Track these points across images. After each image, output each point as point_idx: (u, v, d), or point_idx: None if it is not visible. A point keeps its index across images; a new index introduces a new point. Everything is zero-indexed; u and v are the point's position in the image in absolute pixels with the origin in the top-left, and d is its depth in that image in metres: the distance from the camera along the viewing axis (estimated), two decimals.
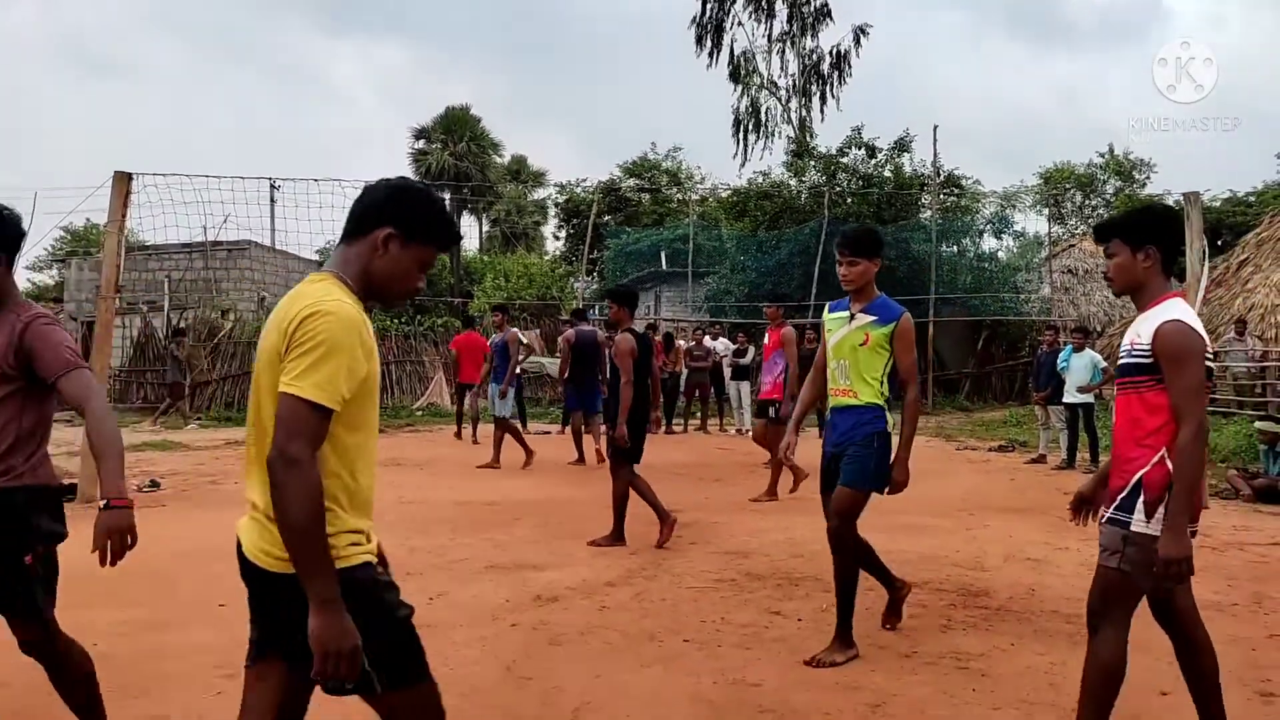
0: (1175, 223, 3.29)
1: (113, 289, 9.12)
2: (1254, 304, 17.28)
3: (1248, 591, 5.79)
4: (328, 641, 1.98)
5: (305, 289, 2.17)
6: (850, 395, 4.62)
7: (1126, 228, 3.19)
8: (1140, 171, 39.68)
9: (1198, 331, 2.98)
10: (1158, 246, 3.13)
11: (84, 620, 4.91)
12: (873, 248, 4.70)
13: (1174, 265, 3.23)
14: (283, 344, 2.06)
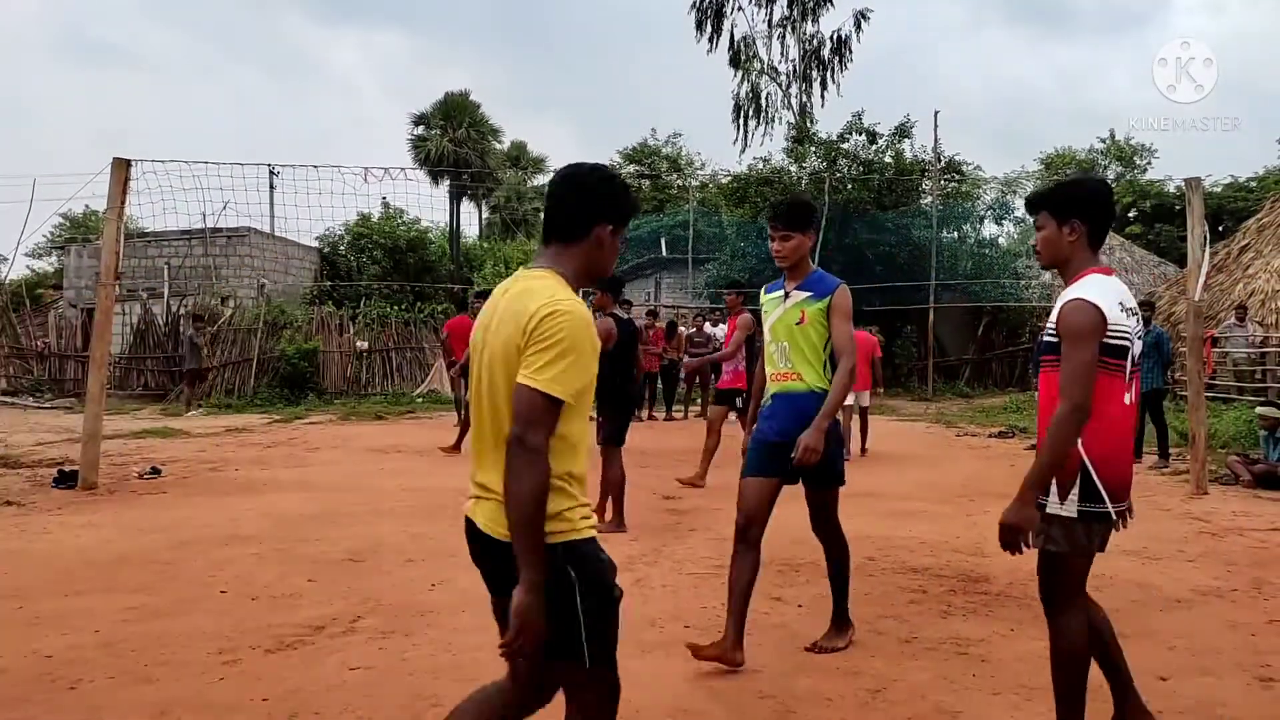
0: (1103, 197, 3.17)
1: (112, 276, 9.10)
2: (1254, 289, 17.26)
3: (1247, 577, 5.80)
4: (527, 616, 2.10)
5: (535, 285, 2.28)
6: (794, 378, 4.25)
7: (1054, 200, 3.16)
8: (1141, 157, 39.72)
9: (1097, 309, 2.90)
10: (1083, 220, 3.08)
11: (85, 607, 4.93)
12: (805, 220, 4.31)
13: (1102, 240, 3.15)
14: (521, 339, 2.19)
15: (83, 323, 22.99)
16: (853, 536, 6.77)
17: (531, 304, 2.21)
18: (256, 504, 8.01)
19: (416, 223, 33.30)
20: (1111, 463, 2.98)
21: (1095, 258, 3.12)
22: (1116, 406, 2.99)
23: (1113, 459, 2.98)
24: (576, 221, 2.37)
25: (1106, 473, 2.96)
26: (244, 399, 19.31)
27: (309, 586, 5.40)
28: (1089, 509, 2.96)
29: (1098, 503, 2.96)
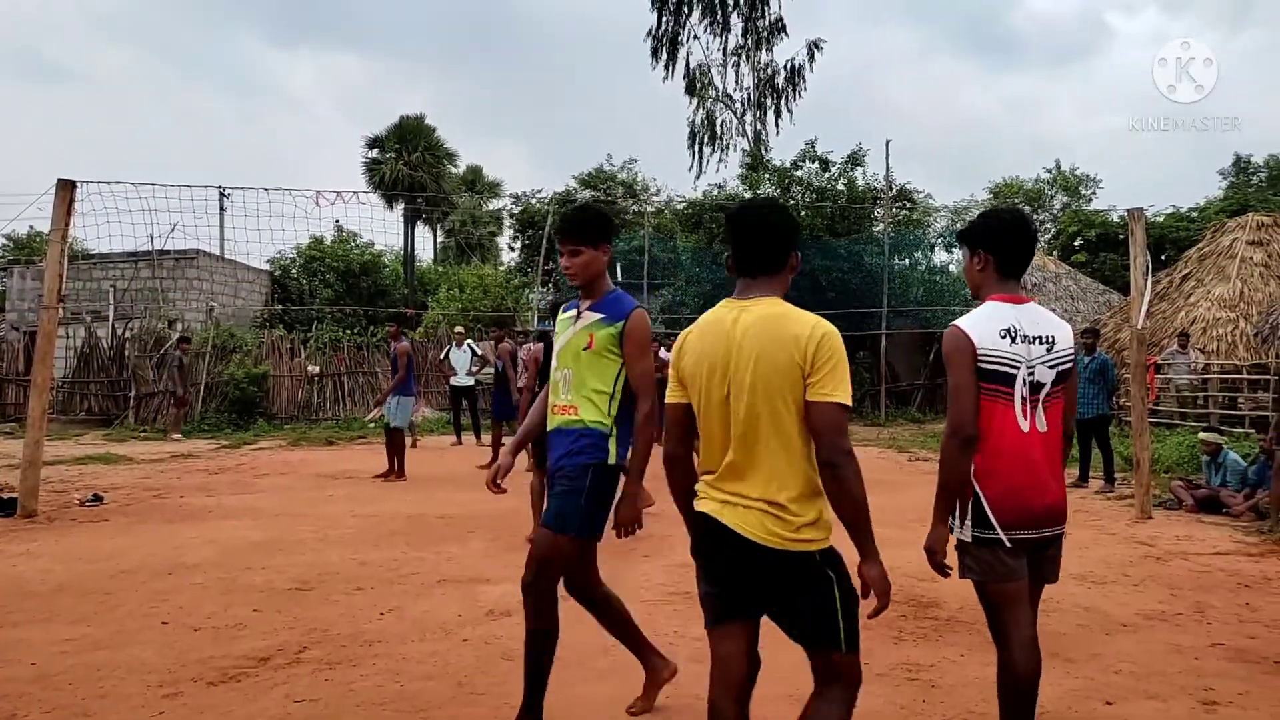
0: (1008, 230, 3.18)
1: (55, 299, 8.91)
2: (1196, 317, 17.67)
3: (1191, 601, 5.90)
4: (883, 582, 2.59)
5: (791, 312, 2.60)
6: (569, 412, 3.68)
7: (967, 233, 3.30)
8: (1086, 187, 40.59)
9: (963, 334, 3.02)
10: (988, 250, 3.18)
11: (21, 638, 4.79)
12: (596, 233, 3.68)
13: (1015, 269, 3.18)
14: (803, 361, 2.49)
15: (25, 346, 22.47)
16: None
17: (800, 328, 2.54)
18: (201, 532, 7.85)
19: (370, 246, 33.08)
20: (1001, 490, 2.98)
21: (1006, 285, 3.15)
22: (1008, 434, 2.99)
23: (1002, 486, 2.99)
24: (779, 253, 2.69)
25: (996, 499, 2.98)
26: (190, 425, 18.96)
27: (254, 617, 5.29)
28: (981, 535, 3.01)
29: (988, 529, 3.00)
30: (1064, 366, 3.09)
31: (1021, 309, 3.09)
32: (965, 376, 2.98)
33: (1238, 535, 8.29)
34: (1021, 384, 3.00)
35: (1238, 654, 4.81)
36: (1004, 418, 2.99)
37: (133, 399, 19.60)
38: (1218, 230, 20.38)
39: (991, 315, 3.05)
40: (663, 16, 35.13)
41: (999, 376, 2.98)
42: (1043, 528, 3.03)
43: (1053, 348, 3.07)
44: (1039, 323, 3.09)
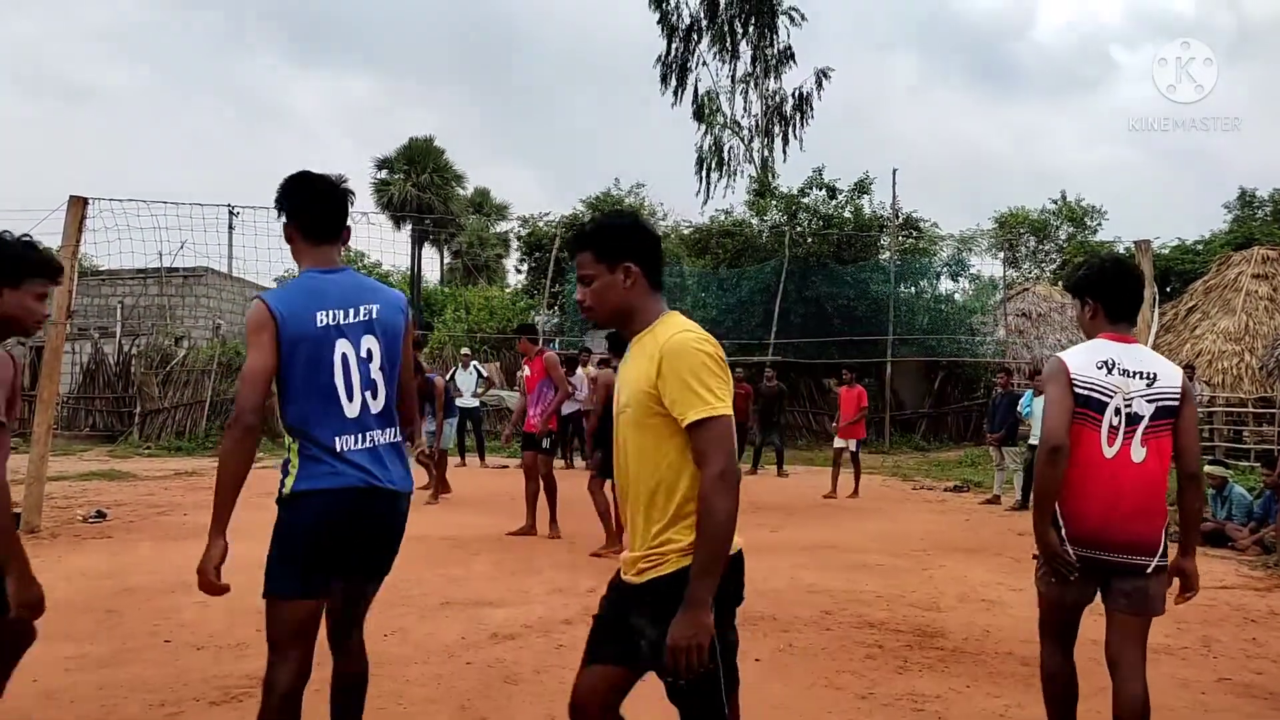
0: (1111, 278, 3.36)
1: (64, 314, 8.95)
2: (1201, 350, 17.68)
3: (1197, 635, 5.87)
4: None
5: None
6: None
7: (1073, 284, 3.47)
8: (1091, 218, 40.63)
9: (1061, 360, 3.26)
10: (1095, 299, 3.36)
11: (27, 655, 4.77)
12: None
13: (1119, 314, 3.35)
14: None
15: (30, 361, 22.53)
16: (809, 589, 6.80)
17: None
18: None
19: (378, 266, 33.22)
20: (1075, 505, 3.17)
21: (1116, 328, 3.34)
22: (1091, 456, 3.16)
23: (1076, 501, 3.17)
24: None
25: (1068, 512, 3.17)
26: (195, 441, 18.98)
27: (257, 636, 5.26)
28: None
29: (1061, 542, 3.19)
30: (1165, 402, 3.20)
31: (1126, 346, 3.29)
32: (1058, 393, 3.19)
33: (1244, 569, 8.25)
34: (1113, 413, 3.17)
35: (1244, 689, 4.79)
36: (1091, 441, 3.16)
37: (137, 415, 19.64)
38: (1223, 263, 20.43)
39: (1092, 348, 3.30)
40: (673, 43, 35.41)
41: (1090, 402, 3.17)
42: (1116, 553, 3.13)
43: (1153, 383, 3.21)
44: (1142, 359, 3.28)
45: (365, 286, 3.01)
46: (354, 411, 2.87)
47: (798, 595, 6.62)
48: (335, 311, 2.88)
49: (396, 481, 2.93)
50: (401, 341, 3.00)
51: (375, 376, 2.92)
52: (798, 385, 22.64)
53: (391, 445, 2.94)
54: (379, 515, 2.91)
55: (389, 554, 3.03)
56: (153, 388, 19.86)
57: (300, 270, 3.01)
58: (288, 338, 2.81)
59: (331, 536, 2.84)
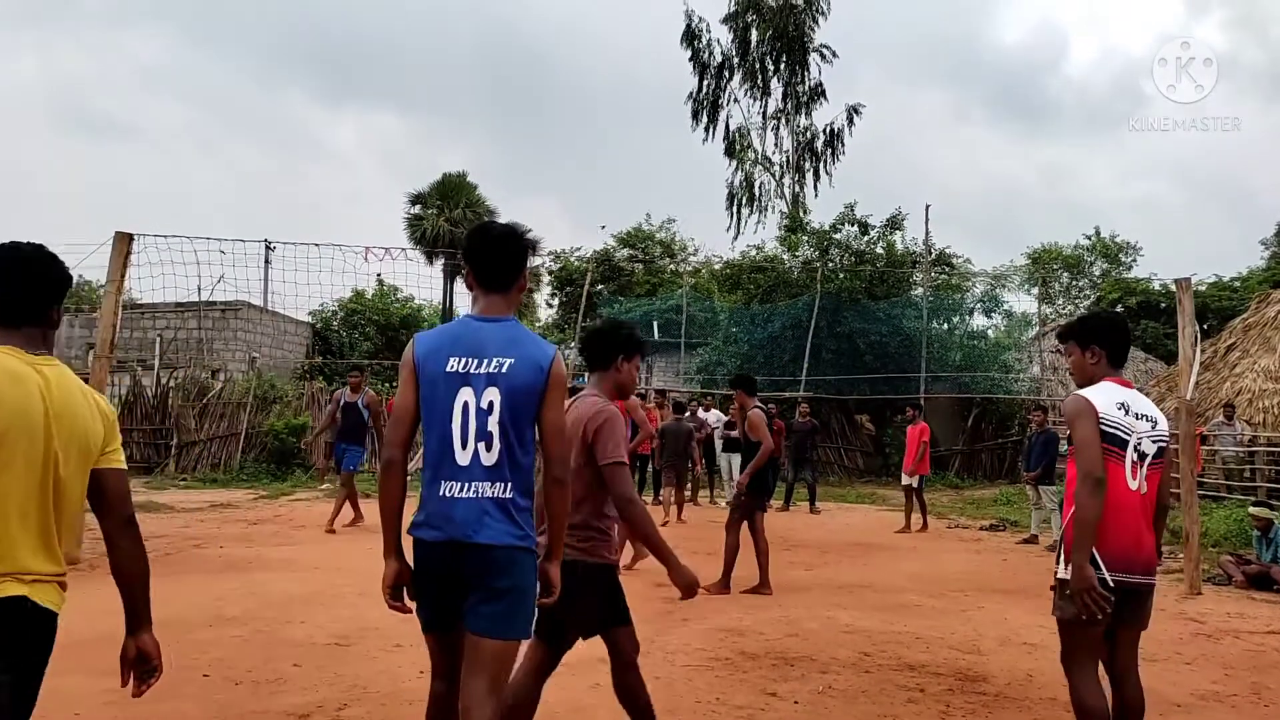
0: (1116, 329, 3.81)
1: (108, 348, 9.07)
2: (1241, 388, 17.38)
3: (1246, 682, 5.73)
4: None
5: None
6: None
7: (1079, 333, 3.81)
8: (1126, 254, 40.36)
9: (1086, 400, 3.57)
10: (1101, 346, 3.75)
11: (65, 688, 4.80)
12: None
13: (1118, 360, 3.80)
14: None
15: None
16: (846, 629, 6.72)
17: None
18: (241, 583, 7.88)
19: (410, 300, 33.48)
20: (1110, 536, 3.46)
21: (1115, 373, 3.72)
22: (1119, 489, 3.49)
23: (1111, 532, 3.46)
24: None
25: (1104, 543, 3.45)
26: (230, 474, 19.13)
27: (294, 672, 5.29)
28: None
29: (1095, 569, 3.43)
30: (1162, 444, 3.62)
31: (1130, 391, 3.68)
32: (1090, 431, 3.48)
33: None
34: (1132, 450, 3.53)
35: None
36: (1116, 475, 3.49)
37: (174, 447, 19.84)
38: (1263, 301, 20.13)
39: (1108, 390, 3.62)
40: (704, 80, 35.77)
41: (1114, 439, 3.51)
42: (1137, 575, 3.50)
43: (1155, 426, 3.64)
44: (1144, 405, 3.68)
45: (511, 339, 2.95)
46: (465, 460, 2.86)
47: (834, 636, 6.55)
48: (467, 359, 2.90)
49: (492, 538, 2.83)
50: (537, 398, 2.91)
51: (492, 429, 2.86)
52: (830, 421, 22.52)
53: (497, 501, 2.85)
54: (465, 565, 2.85)
55: (488, 608, 2.84)
56: (189, 420, 20.07)
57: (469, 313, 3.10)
58: (424, 378, 2.92)
59: (429, 579, 2.93)
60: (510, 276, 3.04)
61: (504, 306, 3.02)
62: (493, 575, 2.83)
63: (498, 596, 2.84)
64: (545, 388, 2.92)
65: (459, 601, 2.87)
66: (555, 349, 3.03)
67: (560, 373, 2.97)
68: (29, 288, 2.45)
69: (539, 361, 2.92)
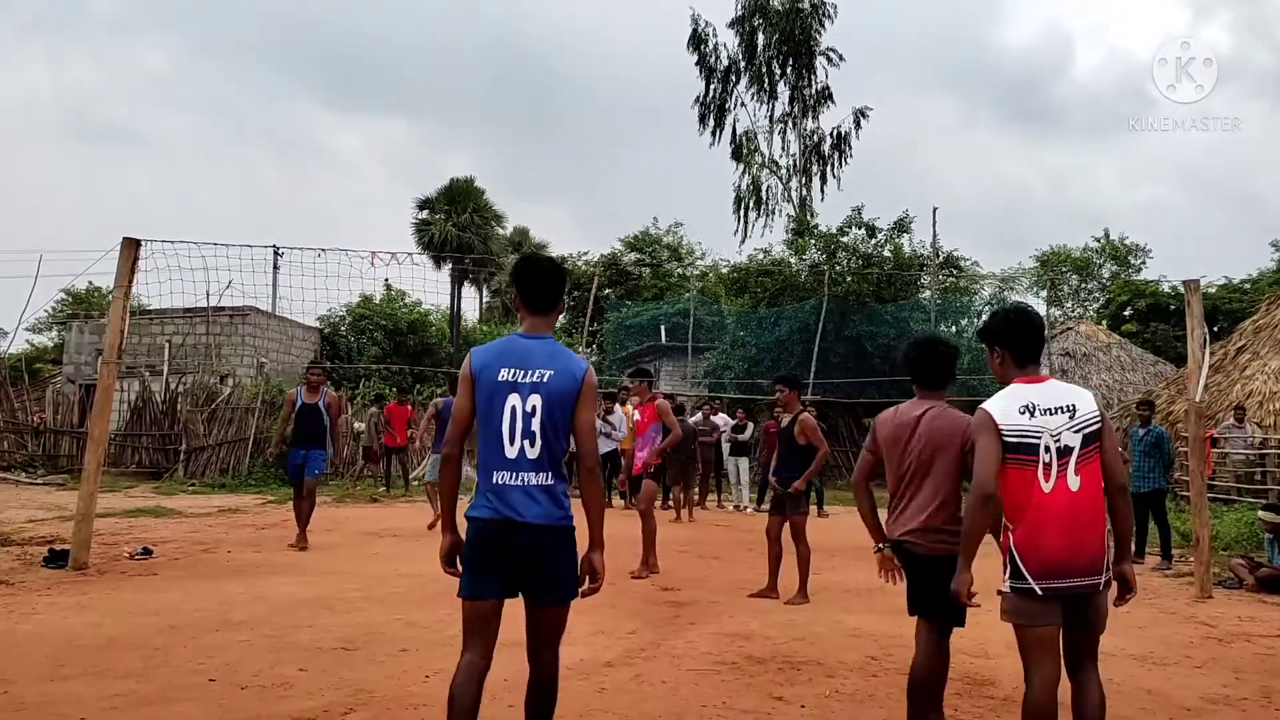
0: (1015, 326, 3.70)
1: (116, 354, 9.11)
2: (1252, 390, 17.30)
3: (1256, 686, 5.69)
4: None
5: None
6: None
7: (983, 333, 3.84)
8: (1135, 256, 40.23)
9: (986, 413, 3.55)
10: (1004, 346, 3.71)
11: (72, 692, 4.82)
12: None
13: (1025, 358, 3.68)
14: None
15: (80, 398, 22.95)
16: (853, 633, 6.70)
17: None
18: (248, 588, 7.89)
19: (418, 305, 33.55)
20: (1030, 546, 3.43)
21: (1025, 370, 3.66)
22: (1034, 497, 3.43)
23: (1030, 542, 3.44)
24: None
25: (1025, 554, 3.43)
26: (238, 479, 19.17)
27: (300, 676, 5.28)
28: (1016, 585, 3.48)
29: (1021, 580, 3.45)
30: (1089, 429, 3.47)
31: (1039, 386, 3.56)
32: (988, 444, 3.46)
33: None
34: (1044, 451, 3.43)
35: None
36: (1030, 483, 3.43)
37: (183, 452, 19.90)
38: (1273, 303, 20.04)
39: (1012, 395, 3.56)
40: (711, 84, 35.73)
41: (1022, 447, 3.44)
42: (1074, 578, 3.41)
43: (1075, 414, 3.49)
44: (1057, 395, 3.54)
45: (551, 353, 3.52)
46: (513, 454, 3.42)
47: (842, 640, 6.52)
48: (515, 370, 3.46)
49: (538, 517, 3.40)
50: (573, 402, 3.47)
51: (535, 429, 3.42)
52: (837, 425, 22.47)
53: (541, 487, 3.42)
54: (520, 544, 3.39)
55: (542, 580, 3.46)
56: (198, 425, 20.12)
57: (515, 331, 3.67)
58: (479, 387, 3.48)
59: (482, 555, 3.44)
60: (552, 302, 3.65)
61: (545, 326, 3.63)
62: (539, 551, 3.41)
63: (546, 571, 3.44)
64: (579, 394, 3.48)
65: (503, 577, 3.44)
66: (588, 363, 3.67)
67: (591, 382, 3.53)
68: None
69: (574, 373, 3.49)
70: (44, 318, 38.47)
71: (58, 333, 37.96)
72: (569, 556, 3.50)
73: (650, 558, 9.13)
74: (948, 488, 4.21)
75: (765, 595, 8.11)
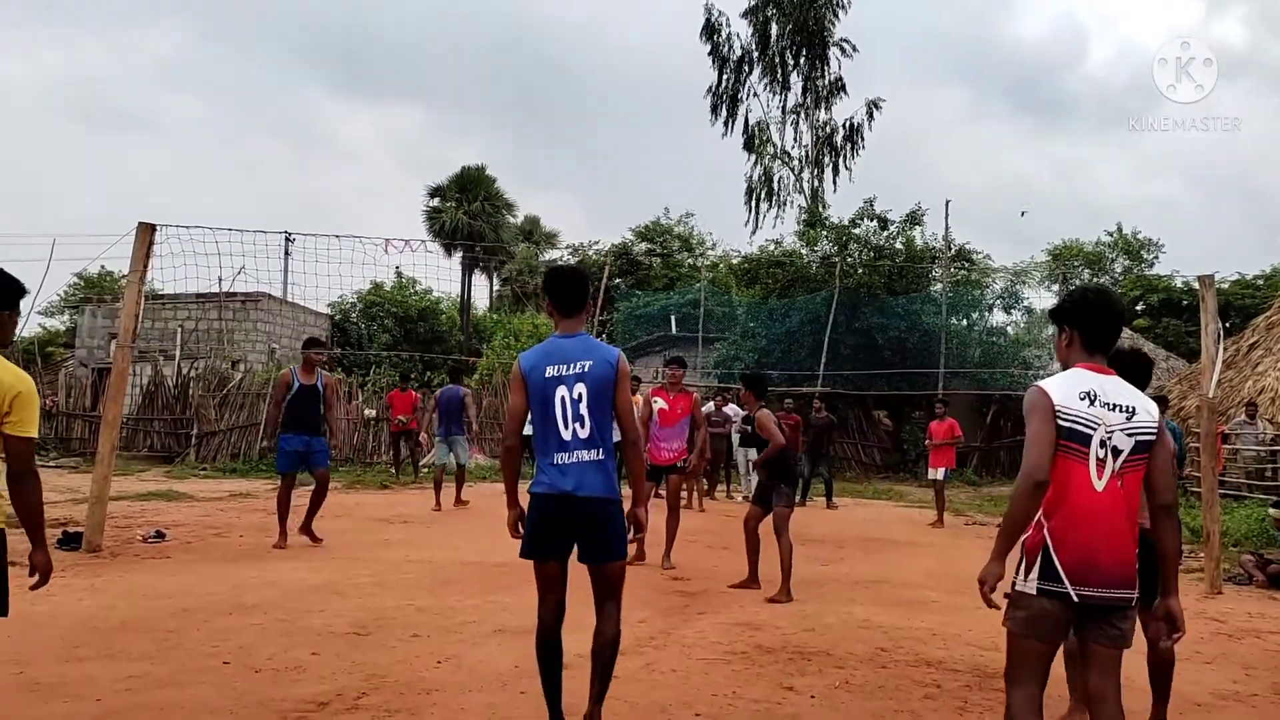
0: (1092, 309, 3.33)
1: (130, 338, 9.15)
2: (1264, 387, 17.22)
3: (1267, 682, 5.69)
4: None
5: None
6: None
7: (1055, 310, 3.45)
8: (1148, 251, 40.01)
9: (1043, 391, 3.19)
10: (1074, 328, 3.33)
11: (86, 674, 4.87)
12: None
13: (1096, 345, 3.31)
14: None
15: (92, 382, 23.07)
16: (863, 625, 6.71)
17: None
18: (260, 572, 7.93)
19: (428, 292, 33.60)
20: (1072, 544, 3.07)
21: (1092, 359, 3.29)
22: (1082, 492, 3.10)
23: (1073, 540, 3.08)
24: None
25: (1066, 553, 3.07)
26: (249, 464, 19.25)
27: (312, 660, 5.32)
28: (1047, 587, 3.09)
29: (1056, 582, 3.07)
30: (1144, 437, 3.16)
31: (1105, 378, 3.23)
32: (1042, 427, 3.11)
33: None
34: (1098, 445, 3.11)
35: None
36: (1079, 475, 3.10)
37: (194, 437, 19.98)
38: None
39: (1072, 378, 3.22)
40: (723, 74, 35.65)
41: (1075, 435, 3.10)
42: (1111, 589, 3.08)
43: (1132, 417, 3.17)
44: (1121, 392, 3.22)
45: (588, 347, 4.15)
46: (568, 436, 4.05)
47: (851, 631, 6.54)
48: (559, 366, 4.08)
49: (589, 489, 4.02)
50: (611, 386, 4.09)
51: (583, 412, 4.05)
52: (847, 417, 22.45)
53: (593, 462, 4.05)
54: (576, 513, 4.03)
55: (596, 542, 4.10)
56: (209, 410, 20.19)
57: (553, 333, 4.25)
58: (531, 384, 4.10)
59: (543, 524, 4.08)
60: (580, 305, 4.26)
61: (577, 325, 4.22)
62: (595, 519, 4.05)
63: (600, 535, 4.08)
64: (616, 378, 4.10)
65: (563, 541, 4.10)
66: (619, 350, 4.24)
67: (625, 366, 4.14)
68: None
69: (610, 360, 4.11)
70: (56, 301, 38.65)
71: (70, 316, 38.13)
72: (617, 522, 4.11)
73: (668, 550, 9.15)
74: None
75: (745, 586, 8.05)
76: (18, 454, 3.55)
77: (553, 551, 4.13)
